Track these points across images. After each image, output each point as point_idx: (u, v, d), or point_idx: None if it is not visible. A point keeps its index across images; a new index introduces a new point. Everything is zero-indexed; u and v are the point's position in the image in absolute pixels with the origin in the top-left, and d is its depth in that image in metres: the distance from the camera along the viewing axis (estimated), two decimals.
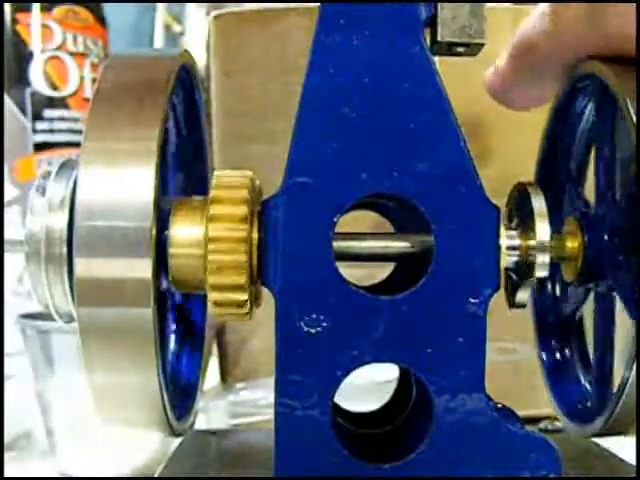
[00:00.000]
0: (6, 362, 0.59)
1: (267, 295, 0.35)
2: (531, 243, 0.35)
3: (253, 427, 0.55)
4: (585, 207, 0.39)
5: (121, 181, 0.31)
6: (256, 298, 0.35)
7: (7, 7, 0.74)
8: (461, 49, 0.35)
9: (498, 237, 0.33)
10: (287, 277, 0.33)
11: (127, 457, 0.52)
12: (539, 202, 0.35)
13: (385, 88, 0.33)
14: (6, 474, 0.49)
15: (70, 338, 0.51)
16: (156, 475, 0.37)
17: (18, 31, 0.75)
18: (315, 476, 0.33)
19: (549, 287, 0.42)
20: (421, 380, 0.33)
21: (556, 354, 0.43)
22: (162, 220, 0.33)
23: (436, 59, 0.35)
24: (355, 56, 0.33)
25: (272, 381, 0.33)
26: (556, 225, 0.38)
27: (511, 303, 0.36)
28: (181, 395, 0.39)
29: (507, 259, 0.34)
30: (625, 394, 0.33)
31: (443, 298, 0.33)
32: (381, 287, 0.38)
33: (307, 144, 0.33)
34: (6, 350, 0.59)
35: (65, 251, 0.33)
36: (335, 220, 0.33)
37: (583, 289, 0.40)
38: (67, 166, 0.34)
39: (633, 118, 0.33)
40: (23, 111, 0.75)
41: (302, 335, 0.33)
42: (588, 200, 0.39)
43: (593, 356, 0.40)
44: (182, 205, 0.34)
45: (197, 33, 1.00)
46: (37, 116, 0.75)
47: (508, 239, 0.34)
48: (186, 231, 0.34)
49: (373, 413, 0.40)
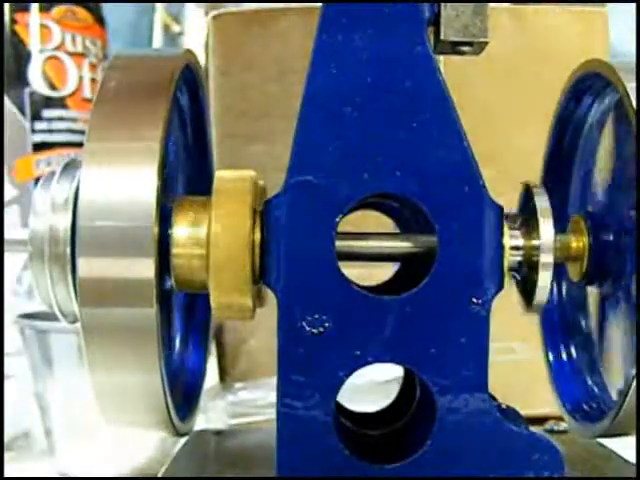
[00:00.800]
0: (5, 362, 0.59)
1: (266, 295, 0.35)
2: (535, 243, 0.35)
3: (252, 427, 0.55)
4: (591, 207, 0.39)
5: (124, 181, 0.31)
6: (258, 298, 0.35)
7: (6, 7, 0.74)
8: (464, 48, 0.35)
9: (501, 237, 0.33)
10: (289, 277, 0.33)
11: (127, 457, 0.52)
12: (543, 202, 0.35)
13: (388, 87, 0.33)
14: (5, 474, 0.49)
15: (69, 338, 0.51)
16: (160, 475, 0.37)
17: (17, 31, 0.75)
18: (317, 476, 0.33)
19: (555, 287, 0.42)
20: (424, 380, 0.33)
21: (562, 354, 0.43)
22: (165, 220, 0.33)
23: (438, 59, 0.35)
24: (357, 55, 0.33)
25: (271, 381, 0.33)
26: (562, 225, 0.38)
27: (527, 305, 0.36)
28: (184, 395, 0.39)
29: (510, 259, 0.34)
30: (629, 395, 0.33)
31: (446, 298, 0.33)
32: (384, 287, 0.38)
33: (309, 143, 0.33)
34: (5, 350, 0.59)
35: (68, 251, 0.33)
36: (338, 220, 0.33)
37: (589, 289, 0.40)
38: (71, 166, 0.34)
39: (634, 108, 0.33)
40: (22, 111, 0.74)
41: (304, 335, 0.33)
42: (594, 200, 0.39)
43: (598, 356, 0.40)
44: (185, 205, 0.34)
45: (196, 33, 1.00)
46: (36, 116, 0.75)
47: (512, 239, 0.34)
48: (189, 231, 0.34)
49: (376, 413, 0.40)
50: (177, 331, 0.41)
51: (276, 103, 0.59)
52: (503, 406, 0.35)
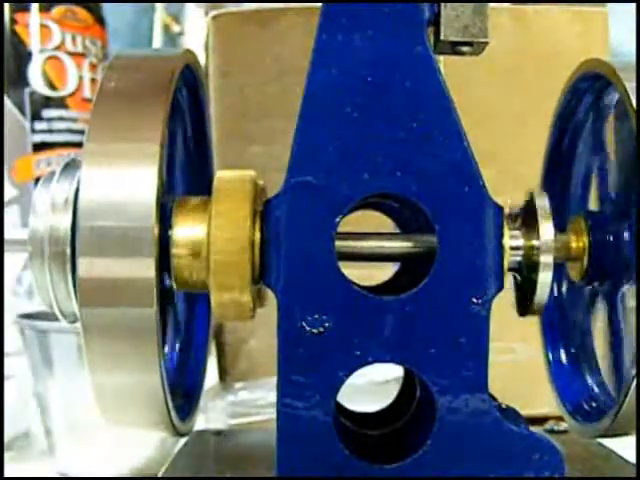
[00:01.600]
0: (5, 362, 0.59)
1: (266, 295, 0.35)
2: (535, 243, 0.35)
3: (252, 427, 0.55)
4: (591, 207, 0.39)
5: (124, 181, 0.31)
6: (259, 298, 0.35)
7: (6, 7, 0.74)
8: (464, 48, 0.35)
9: (502, 237, 0.33)
10: (289, 277, 0.33)
11: (127, 457, 0.52)
12: (543, 202, 0.35)
13: (388, 87, 0.33)
14: (6, 474, 0.49)
15: (69, 338, 0.51)
16: (159, 475, 0.37)
17: (17, 31, 0.75)
18: (317, 476, 0.33)
19: (555, 286, 0.42)
20: (424, 380, 0.33)
21: (562, 354, 0.43)
22: (165, 220, 0.33)
23: (438, 59, 0.35)
24: (358, 55, 0.33)
25: (271, 381, 0.33)
26: (562, 225, 0.38)
27: (524, 312, 0.36)
28: (185, 395, 0.39)
29: (510, 259, 0.34)
30: (629, 395, 0.33)
31: (446, 298, 0.33)
32: (384, 287, 0.38)
33: (310, 143, 0.33)
34: (5, 350, 0.59)
35: (68, 251, 0.32)
36: (338, 220, 0.33)
37: (589, 289, 0.40)
38: (71, 166, 0.34)
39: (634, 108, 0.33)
40: (22, 111, 0.74)
41: (304, 335, 0.33)
42: (594, 199, 0.39)
43: (598, 356, 0.40)
44: (185, 205, 0.34)
45: (196, 33, 1.00)
46: (36, 116, 0.75)
47: (512, 239, 0.34)
48: (189, 231, 0.34)
49: (376, 413, 0.40)
50: (177, 331, 0.41)
51: (276, 103, 0.59)
52: (503, 406, 0.35)
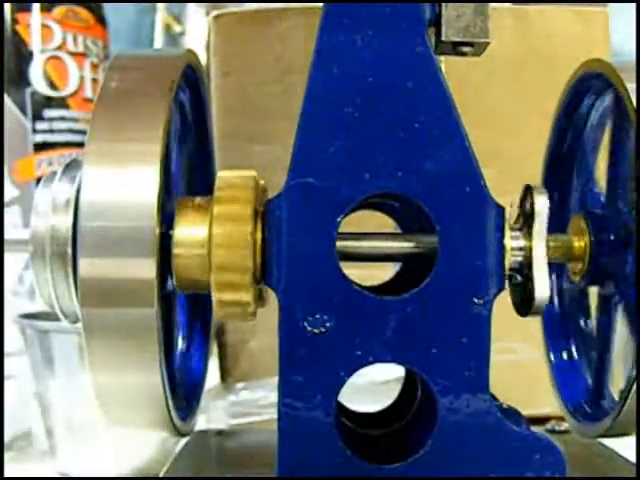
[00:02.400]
0: (6, 362, 0.59)
1: (268, 295, 0.35)
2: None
3: (253, 427, 0.55)
4: (592, 207, 0.39)
5: (125, 181, 0.31)
6: (260, 298, 0.35)
7: (7, 7, 0.74)
8: (466, 49, 0.35)
9: (503, 237, 0.33)
10: (291, 277, 0.33)
11: (128, 457, 0.52)
12: (542, 202, 0.35)
13: (389, 88, 0.33)
14: (6, 474, 0.49)
15: (70, 338, 0.51)
16: (160, 475, 0.37)
17: (18, 31, 0.75)
18: (318, 476, 0.33)
19: (556, 287, 0.42)
20: (425, 380, 0.33)
21: (563, 354, 0.43)
22: (166, 220, 0.33)
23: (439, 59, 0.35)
24: (359, 56, 0.33)
25: (272, 381, 0.33)
26: (563, 225, 0.38)
27: (523, 312, 0.36)
28: (186, 395, 0.39)
29: (511, 259, 0.34)
30: (630, 395, 0.33)
31: (447, 298, 0.33)
32: (385, 287, 0.38)
33: (311, 144, 0.33)
34: (6, 350, 0.59)
35: (70, 251, 0.33)
36: (339, 220, 0.33)
37: (590, 289, 0.40)
38: (72, 166, 0.34)
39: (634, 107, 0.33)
40: (23, 111, 0.74)
41: (306, 335, 0.33)
42: (595, 200, 0.39)
43: (599, 356, 0.40)
44: (186, 205, 0.34)
45: (197, 33, 1.00)
46: (37, 116, 0.75)
47: (513, 239, 0.34)
48: (190, 231, 0.34)
49: (378, 413, 0.40)
50: (179, 331, 0.41)
51: (277, 103, 0.59)
52: (504, 406, 0.35)
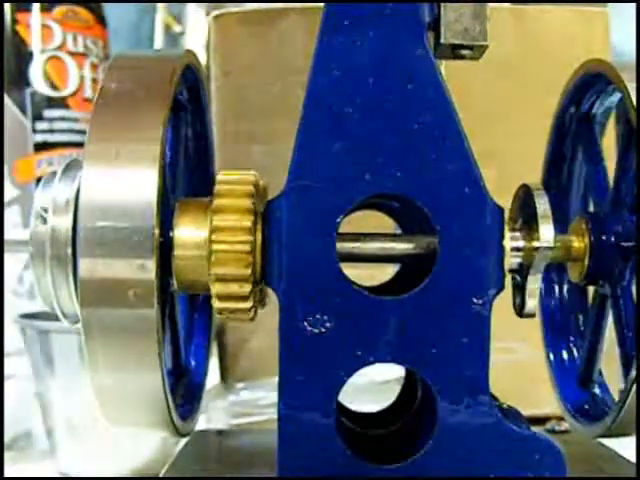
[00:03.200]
0: (6, 362, 0.59)
1: (268, 296, 0.35)
2: (535, 245, 0.35)
3: (253, 427, 0.55)
4: (592, 207, 0.39)
5: (125, 182, 0.31)
6: (260, 299, 0.35)
7: (7, 7, 0.74)
8: (464, 52, 0.35)
9: (502, 238, 0.33)
10: (291, 278, 0.33)
11: (128, 457, 0.52)
12: (543, 203, 0.35)
13: (389, 89, 0.33)
14: (6, 474, 0.49)
15: (70, 338, 0.51)
16: (161, 475, 0.37)
17: (18, 31, 0.74)
18: (318, 476, 0.33)
19: (556, 287, 0.42)
20: (425, 380, 0.33)
21: (563, 354, 0.43)
22: (166, 221, 0.33)
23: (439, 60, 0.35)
24: (359, 57, 0.33)
25: (272, 381, 0.33)
26: (563, 226, 0.38)
27: (520, 313, 0.36)
28: (186, 395, 0.39)
29: (511, 260, 0.34)
30: (630, 395, 0.33)
31: (447, 299, 0.33)
32: (385, 287, 0.38)
33: (311, 145, 0.33)
34: (6, 350, 0.59)
35: (70, 252, 0.32)
36: (339, 221, 0.33)
37: (590, 289, 0.40)
38: (72, 167, 0.34)
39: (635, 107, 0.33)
40: (23, 111, 0.74)
41: (306, 335, 0.33)
42: (595, 200, 0.39)
43: (599, 357, 0.40)
44: (186, 206, 0.34)
45: (197, 33, 1.00)
46: (37, 116, 0.74)
47: (512, 240, 0.34)
48: (190, 232, 0.34)
49: (378, 413, 0.40)
50: (179, 332, 0.41)
51: (277, 103, 0.59)
52: (504, 406, 0.35)
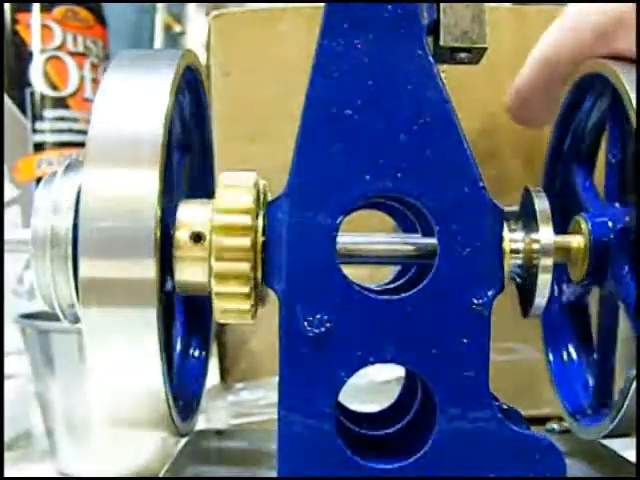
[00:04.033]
0: (6, 362, 0.59)
1: (268, 296, 0.35)
2: (535, 246, 0.35)
3: (253, 427, 0.55)
4: (592, 208, 0.39)
5: (125, 182, 0.31)
6: (260, 299, 0.35)
7: (7, 7, 0.74)
8: (463, 55, 0.35)
9: (502, 238, 0.34)
10: (291, 278, 0.33)
11: (128, 457, 0.52)
12: (542, 205, 0.35)
13: (388, 91, 0.33)
14: (6, 474, 0.49)
15: (70, 338, 0.51)
16: (160, 475, 0.37)
17: (18, 31, 0.74)
18: (318, 476, 0.33)
19: (556, 287, 0.42)
20: (425, 381, 0.33)
21: (563, 355, 0.43)
22: (167, 221, 0.33)
23: None
24: (359, 59, 0.33)
25: (272, 381, 0.33)
26: (563, 225, 0.38)
27: (525, 313, 0.36)
28: (186, 395, 0.39)
29: (510, 261, 0.34)
30: (630, 395, 0.33)
31: (447, 299, 0.33)
32: (385, 287, 0.39)
33: (311, 146, 0.33)
34: (6, 350, 0.59)
35: (70, 251, 0.33)
36: (339, 221, 0.33)
37: (590, 290, 0.40)
38: (72, 167, 0.34)
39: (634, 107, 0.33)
40: (23, 111, 0.74)
41: (306, 335, 0.33)
42: (594, 200, 0.39)
43: (599, 356, 0.40)
44: (186, 206, 0.34)
45: (197, 33, 1.00)
46: (37, 116, 0.75)
47: (511, 241, 0.34)
48: (190, 232, 0.34)
49: (378, 413, 0.40)
50: (179, 332, 0.41)
51: (278, 104, 0.59)
52: (504, 407, 0.35)
